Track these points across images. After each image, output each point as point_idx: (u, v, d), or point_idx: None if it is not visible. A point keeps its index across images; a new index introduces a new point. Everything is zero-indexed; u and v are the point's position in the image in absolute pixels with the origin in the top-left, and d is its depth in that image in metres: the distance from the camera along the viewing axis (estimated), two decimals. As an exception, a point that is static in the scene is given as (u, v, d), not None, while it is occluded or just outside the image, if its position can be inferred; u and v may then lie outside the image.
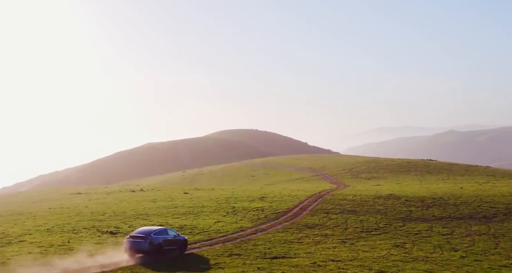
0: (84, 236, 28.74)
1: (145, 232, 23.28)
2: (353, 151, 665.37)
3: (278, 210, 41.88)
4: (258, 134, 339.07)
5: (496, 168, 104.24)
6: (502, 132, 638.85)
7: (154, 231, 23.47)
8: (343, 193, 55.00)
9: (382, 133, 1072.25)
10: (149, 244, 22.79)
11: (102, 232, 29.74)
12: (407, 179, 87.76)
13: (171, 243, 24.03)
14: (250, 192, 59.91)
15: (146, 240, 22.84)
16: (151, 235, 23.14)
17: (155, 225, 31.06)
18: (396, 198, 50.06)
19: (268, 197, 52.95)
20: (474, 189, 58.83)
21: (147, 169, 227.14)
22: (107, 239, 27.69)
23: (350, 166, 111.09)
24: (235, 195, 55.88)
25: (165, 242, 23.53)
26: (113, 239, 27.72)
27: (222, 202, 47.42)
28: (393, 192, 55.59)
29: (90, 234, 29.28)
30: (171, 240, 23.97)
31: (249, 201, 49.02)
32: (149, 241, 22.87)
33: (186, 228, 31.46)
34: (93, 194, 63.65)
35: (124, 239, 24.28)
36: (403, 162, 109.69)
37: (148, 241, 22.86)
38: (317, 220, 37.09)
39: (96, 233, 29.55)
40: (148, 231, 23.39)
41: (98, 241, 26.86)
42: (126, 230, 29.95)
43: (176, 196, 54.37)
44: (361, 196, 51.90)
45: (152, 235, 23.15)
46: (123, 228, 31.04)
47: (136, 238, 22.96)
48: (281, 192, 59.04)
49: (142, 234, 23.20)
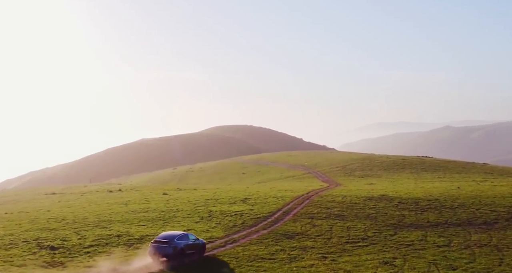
0: (15, 253, 24.66)
1: (168, 237, 24.20)
2: (349, 147, 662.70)
3: (259, 215, 38.13)
4: (253, 130, 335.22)
5: (493, 166, 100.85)
6: (497, 127, 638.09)
7: (177, 236, 24.44)
8: (332, 194, 51.35)
9: (378, 129, 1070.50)
10: (173, 248, 23.68)
11: (41, 247, 25.76)
12: (402, 177, 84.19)
13: (192, 247, 24.93)
14: (234, 192, 56.14)
15: (170, 245, 23.70)
16: (174, 240, 24.06)
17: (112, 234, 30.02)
18: (388, 199, 46.42)
19: (252, 198, 49.20)
20: (472, 189, 55.24)
21: (138, 166, 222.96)
22: (39, 258, 23.63)
23: (343, 163, 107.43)
24: (217, 196, 52.12)
25: (186, 247, 24.48)
26: (47, 258, 23.63)
27: (200, 205, 43.63)
28: (386, 193, 51.98)
29: (25, 250, 25.31)
30: (191, 244, 24.87)
31: (230, 203, 45.27)
32: (173, 246, 23.76)
33: (146, 240, 27.62)
34: (67, 195, 59.75)
35: (61, 256, 20.59)
36: (398, 159, 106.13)
37: (172, 246, 23.74)
38: (299, 227, 33.36)
39: (32, 249, 25.52)
40: (172, 236, 24.34)
41: (22, 263, 22.88)
42: (72, 243, 26.06)
43: (153, 198, 50.54)
44: (351, 198, 48.26)
45: (175, 240, 24.05)
46: (70, 241, 27.09)
47: (160, 243, 23.76)
48: (267, 192, 55.32)
49: (166, 239, 24.06)
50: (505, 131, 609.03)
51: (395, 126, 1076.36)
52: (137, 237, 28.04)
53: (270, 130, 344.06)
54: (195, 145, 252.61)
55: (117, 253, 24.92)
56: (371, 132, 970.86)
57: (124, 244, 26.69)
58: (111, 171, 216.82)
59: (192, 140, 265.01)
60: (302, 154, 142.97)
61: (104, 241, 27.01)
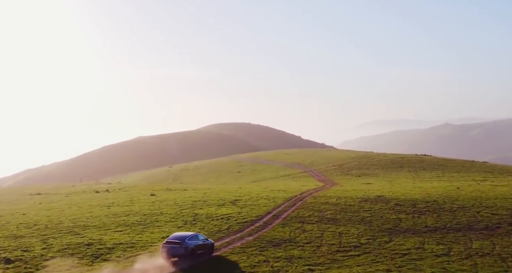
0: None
1: (180, 238, 24.78)
2: (348, 144, 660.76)
3: (246, 219, 35.91)
4: (251, 128, 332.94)
5: (493, 164, 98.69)
6: (496, 125, 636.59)
7: (187, 236, 25.01)
8: (326, 195, 49.20)
9: (378, 126, 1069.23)
10: (184, 249, 24.23)
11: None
12: (400, 176, 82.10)
13: (201, 247, 25.49)
14: (224, 193, 53.96)
15: (182, 246, 24.27)
16: (185, 240, 24.60)
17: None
18: (384, 201, 44.26)
19: (242, 200, 47.01)
20: (472, 189, 53.10)
21: (135, 164, 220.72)
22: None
23: (340, 161, 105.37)
24: (206, 197, 49.92)
25: (197, 247, 25.04)
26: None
27: (186, 208, 41.41)
28: (383, 193, 49.86)
29: (-25, 264, 23.05)
30: (201, 245, 25.44)
31: (218, 205, 43.06)
32: (185, 247, 24.33)
33: (118, 249, 25.31)
34: (52, 196, 57.53)
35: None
36: (396, 157, 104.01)
37: (183, 246, 24.32)
38: (287, 233, 31.14)
39: (-17, 263, 23.22)
40: (183, 237, 24.93)
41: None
42: (33, 255, 23.74)
43: (139, 199, 48.33)
44: (346, 199, 46.10)
45: (186, 241, 24.58)
46: (32, 251, 24.73)
47: (172, 244, 24.36)
48: (259, 193, 53.16)
49: (178, 240, 24.63)
50: (504, 128, 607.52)
51: (394, 124, 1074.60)
52: (108, 246, 25.75)
53: (268, 128, 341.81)
54: (193, 143, 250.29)
55: (79, 268, 22.47)
56: (370, 130, 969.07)
57: (91, 255, 24.40)
58: (107, 169, 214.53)
59: (190, 138, 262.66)
60: (299, 152, 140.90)
61: (70, 251, 24.76)
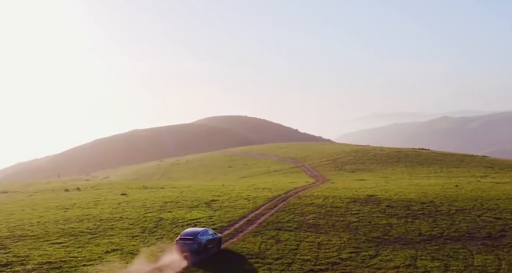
0: None
1: (192, 234, 25.43)
2: (347, 137, 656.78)
3: (216, 225, 31.44)
4: (248, 121, 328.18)
5: (493, 159, 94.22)
6: (494, 118, 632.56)
7: (199, 232, 25.63)
8: (313, 194, 44.80)
9: (377, 119, 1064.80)
10: (198, 244, 25.02)
11: None
12: (396, 172, 77.76)
13: (212, 242, 26.21)
14: (203, 192, 49.51)
15: (195, 241, 25.04)
16: (198, 236, 25.34)
17: None
18: (376, 202, 39.86)
19: (219, 200, 42.58)
20: (472, 187, 48.72)
21: (127, 158, 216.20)
22: None
23: (335, 156, 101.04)
24: (181, 197, 45.48)
25: (208, 242, 25.74)
26: None
27: (153, 210, 36.94)
28: (375, 192, 45.52)
29: None
30: (211, 239, 26.23)
31: (190, 208, 38.62)
32: (198, 242, 25.07)
33: (40, 270, 20.65)
34: (18, 194, 52.99)
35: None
36: (392, 151, 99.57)
37: (196, 242, 25.06)
38: (257, 244, 26.68)
39: None
40: (195, 233, 25.56)
41: None
42: None
43: (106, 200, 43.83)
44: (333, 199, 41.71)
45: (198, 236, 25.36)
46: None
47: (186, 240, 25.12)
48: (240, 192, 48.79)
49: (191, 236, 25.33)
50: (502, 121, 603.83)
51: (393, 117, 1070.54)
52: (30, 266, 21.01)
53: (265, 121, 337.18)
54: (187, 136, 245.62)
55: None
56: (369, 123, 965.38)
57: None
58: (98, 163, 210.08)
59: (184, 131, 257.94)
60: (293, 146, 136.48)
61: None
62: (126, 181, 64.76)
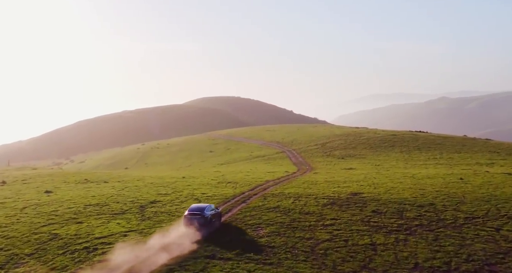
0: None
1: (199, 209, 26.86)
2: (344, 119, 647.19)
3: (125, 247, 22.38)
4: (241, 102, 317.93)
5: (498, 142, 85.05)
6: (492, 98, 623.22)
7: (204, 207, 27.07)
8: (284, 192, 36.05)
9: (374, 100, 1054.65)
10: (205, 218, 26.24)
11: None
12: (390, 158, 68.85)
13: (215, 216, 27.50)
14: (151, 188, 40.64)
15: (202, 216, 26.24)
16: (204, 211, 26.68)
17: None
18: (360, 204, 31.09)
19: (162, 202, 33.71)
20: (480, 181, 39.93)
21: (111, 140, 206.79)
22: None
23: (324, 140, 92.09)
24: (117, 196, 36.63)
25: (212, 216, 27.04)
26: None
27: (58, 221, 27.91)
28: (361, 188, 36.84)
29: None
30: (214, 214, 27.54)
31: (114, 214, 29.83)
32: (205, 216, 26.29)
33: None
34: None
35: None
36: (387, 134, 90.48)
37: (204, 216, 26.24)
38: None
39: None
40: (201, 208, 27.00)
41: None
42: None
43: (16, 201, 34.75)
44: (307, 199, 32.98)
45: (205, 211, 26.65)
46: None
47: (194, 215, 26.24)
48: (198, 188, 40.04)
49: (198, 211, 26.65)
50: (500, 101, 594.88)
51: (391, 97, 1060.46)
52: None
53: (259, 102, 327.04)
54: (174, 118, 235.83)
55: None
56: (367, 104, 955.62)
57: None
58: (81, 145, 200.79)
59: (172, 113, 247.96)
60: (282, 129, 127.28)
61: None
62: (77, 171, 55.55)
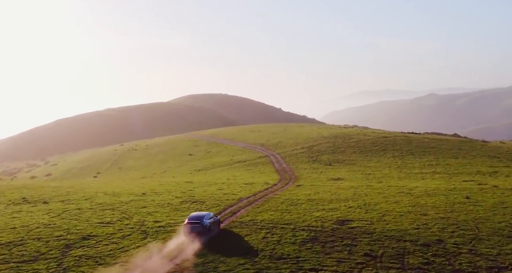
0: None
1: (198, 218, 27.08)
2: (334, 115, 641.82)
3: None
4: (227, 99, 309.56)
5: (497, 145, 79.08)
6: (481, 95, 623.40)
7: (203, 216, 27.32)
8: (257, 219, 29.80)
9: (364, 97, 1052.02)
10: (203, 227, 26.51)
11: None
12: (382, 165, 62.35)
13: (214, 224, 27.85)
14: (93, 213, 33.41)
15: (201, 224, 26.54)
16: (203, 219, 26.87)
17: None
18: (349, 240, 24.71)
19: (100, 237, 26.68)
20: (491, 201, 33.89)
21: (91, 140, 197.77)
22: None
23: (311, 142, 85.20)
24: (55, 222, 29.66)
25: (211, 224, 27.39)
26: None
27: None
28: (349, 212, 30.54)
29: None
30: (213, 222, 27.86)
31: (32, 256, 22.58)
32: (204, 225, 26.67)
33: None
34: None
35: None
36: (378, 137, 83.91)
37: (203, 224, 26.65)
38: None
39: None
40: (200, 216, 27.24)
41: None
42: None
43: None
44: (282, 232, 26.80)
45: (204, 220, 26.87)
46: None
47: (193, 224, 26.62)
48: (154, 211, 33.18)
49: (197, 219, 26.85)
50: (489, 98, 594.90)
51: (380, 94, 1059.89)
52: None
53: (247, 99, 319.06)
54: (158, 117, 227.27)
55: None
56: (356, 100, 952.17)
57: None
58: (59, 145, 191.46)
59: (156, 111, 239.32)
60: (267, 130, 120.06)
61: None
62: (22, 185, 48.08)
